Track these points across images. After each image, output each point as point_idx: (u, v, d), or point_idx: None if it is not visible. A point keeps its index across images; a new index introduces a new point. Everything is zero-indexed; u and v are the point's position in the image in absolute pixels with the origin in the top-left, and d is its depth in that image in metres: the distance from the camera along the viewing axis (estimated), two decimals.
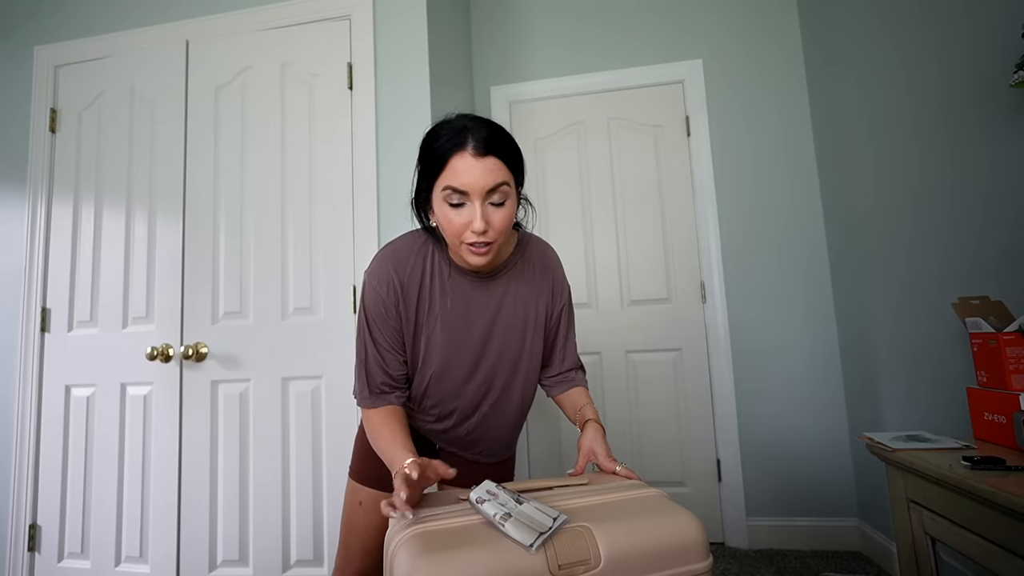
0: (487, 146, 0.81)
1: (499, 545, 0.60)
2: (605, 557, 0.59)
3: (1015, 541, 0.82)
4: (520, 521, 0.63)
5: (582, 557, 0.59)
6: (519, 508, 0.66)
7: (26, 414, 1.88)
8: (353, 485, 1.06)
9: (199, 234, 1.85)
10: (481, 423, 1.02)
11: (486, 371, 0.99)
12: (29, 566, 1.84)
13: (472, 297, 0.96)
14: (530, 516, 0.64)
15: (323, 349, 1.72)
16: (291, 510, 1.69)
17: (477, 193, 0.81)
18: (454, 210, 0.83)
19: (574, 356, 1.09)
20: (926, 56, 1.51)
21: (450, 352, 0.96)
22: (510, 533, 0.62)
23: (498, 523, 0.63)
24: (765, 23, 2.28)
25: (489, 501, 0.67)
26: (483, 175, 0.81)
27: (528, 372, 1.03)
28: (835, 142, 2.03)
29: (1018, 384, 1.05)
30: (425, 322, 0.95)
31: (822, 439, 2.08)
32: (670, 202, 2.30)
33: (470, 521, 0.66)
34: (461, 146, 0.81)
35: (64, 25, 2.06)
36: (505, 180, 0.83)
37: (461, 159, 0.81)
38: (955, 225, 1.43)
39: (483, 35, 2.53)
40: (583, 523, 0.63)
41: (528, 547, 0.60)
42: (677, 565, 0.60)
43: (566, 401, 1.07)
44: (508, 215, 0.85)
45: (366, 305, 0.93)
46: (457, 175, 0.81)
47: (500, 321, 0.98)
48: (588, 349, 2.29)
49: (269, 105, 1.85)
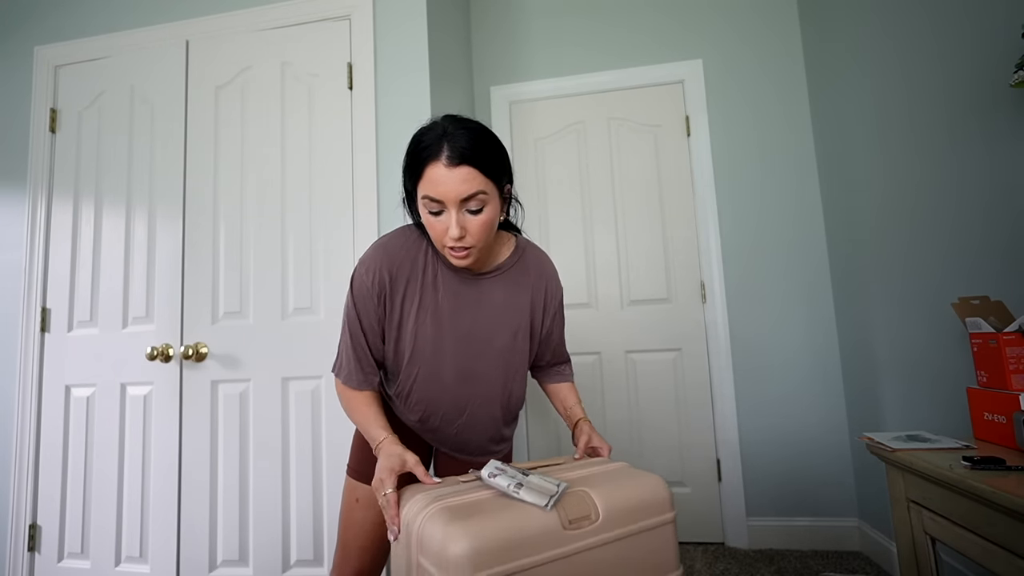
0: (462, 155, 0.82)
1: (517, 509, 0.70)
2: (603, 512, 0.73)
3: (1015, 541, 0.82)
4: (531, 488, 0.74)
5: (585, 513, 0.72)
6: (527, 479, 0.77)
7: (26, 414, 1.88)
8: (351, 483, 1.06)
9: (199, 234, 1.85)
10: (469, 421, 1.02)
11: (473, 368, 0.99)
12: (29, 566, 1.84)
13: (463, 294, 0.98)
14: (538, 484, 0.75)
15: (323, 349, 1.72)
16: (291, 510, 1.69)
17: (452, 202, 0.83)
18: (433, 217, 0.86)
19: (563, 351, 1.17)
20: (926, 57, 1.51)
21: (438, 346, 0.97)
22: (525, 498, 0.72)
23: (512, 491, 0.74)
24: (766, 23, 2.28)
25: (500, 475, 0.78)
26: (456, 185, 0.82)
27: (517, 372, 1.04)
28: (835, 141, 2.03)
29: (1018, 384, 1.05)
30: (415, 315, 0.96)
31: (822, 439, 2.08)
32: (670, 202, 2.30)
33: (483, 495, 0.75)
34: (436, 156, 0.83)
35: (64, 25, 2.06)
36: (481, 188, 0.84)
37: (435, 169, 0.83)
38: (955, 224, 1.43)
39: (483, 35, 2.54)
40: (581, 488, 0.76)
41: (543, 507, 0.71)
42: (652, 516, 0.76)
43: (556, 395, 1.15)
44: (486, 220, 0.86)
45: (354, 292, 0.97)
46: (432, 185, 0.83)
47: (490, 320, 0.99)
48: (588, 349, 2.30)
49: (269, 105, 1.85)
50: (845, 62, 1.92)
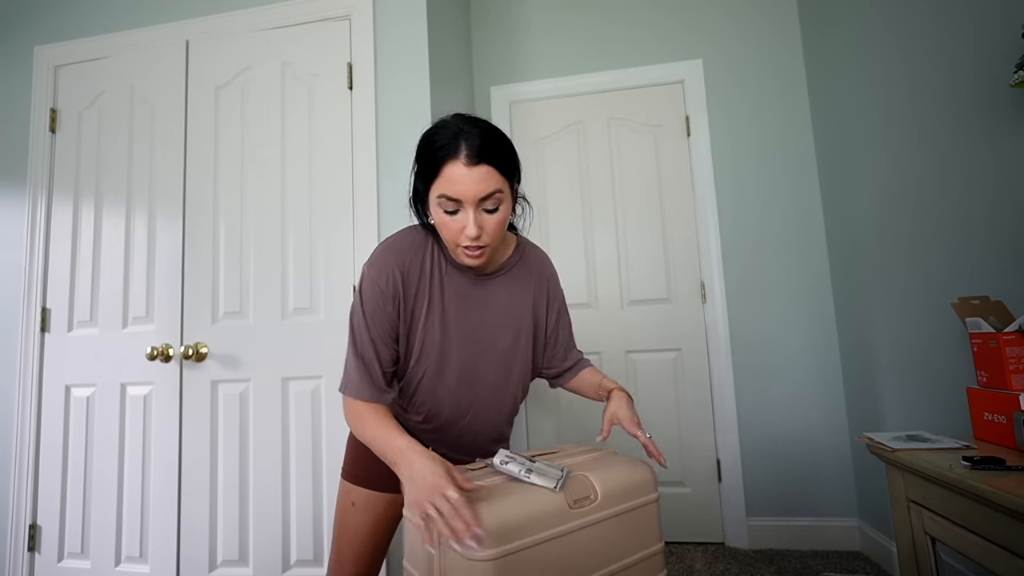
0: (480, 154, 0.81)
1: (529, 491, 0.79)
2: (601, 493, 0.82)
3: (1015, 541, 0.82)
4: (540, 473, 0.82)
5: (587, 494, 0.82)
6: (535, 465, 0.85)
7: (26, 414, 1.88)
8: (346, 486, 1.05)
9: (199, 234, 1.85)
10: (472, 423, 1.02)
11: (478, 369, 0.99)
12: (29, 566, 1.84)
13: (469, 295, 0.97)
14: (545, 469, 0.83)
15: (323, 349, 1.72)
16: (291, 510, 1.69)
17: (470, 201, 0.82)
18: (449, 216, 0.85)
19: (575, 350, 1.14)
20: (927, 57, 1.51)
21: (444, 348, 0.96)
22: (536, 482, 0.81)
23: (524, 476, 0.82)
24: (766, 23, 2.28)
25: (511, 462, 0.85)
26: (475, 184, 0.81)
27: (521, 373, 1.04)
28: (835, 141, 2.03)
29: (1018, 384, 1.05)
30: (424, 317, 0.95)
31: (822, 439, 2.08)
32: (670, 202, 2.30)
33: (495, 480, 0.83)
34: (454, 154, 0.81)
35: (64, 25, 2.06)
36: (498, 187, 0.84)
37: (454, 167, 0.81)
38: (955, 224, 1.43)
39: (483, 35, 2.54)
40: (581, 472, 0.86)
41: (553, 489, 0.79)
42: (639, 496, 0.86)
43: (582, 384, 1.11)
44: (501, 219, 0.86)
45: (364, 298, 0.93)
46: (451, 184, 0.82)
47: (496, 320, 0.99)
48: (588, 349, 2.29)
49: (269, 105, 1.85)
50: (845, 58, 1.92)
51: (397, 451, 0.82)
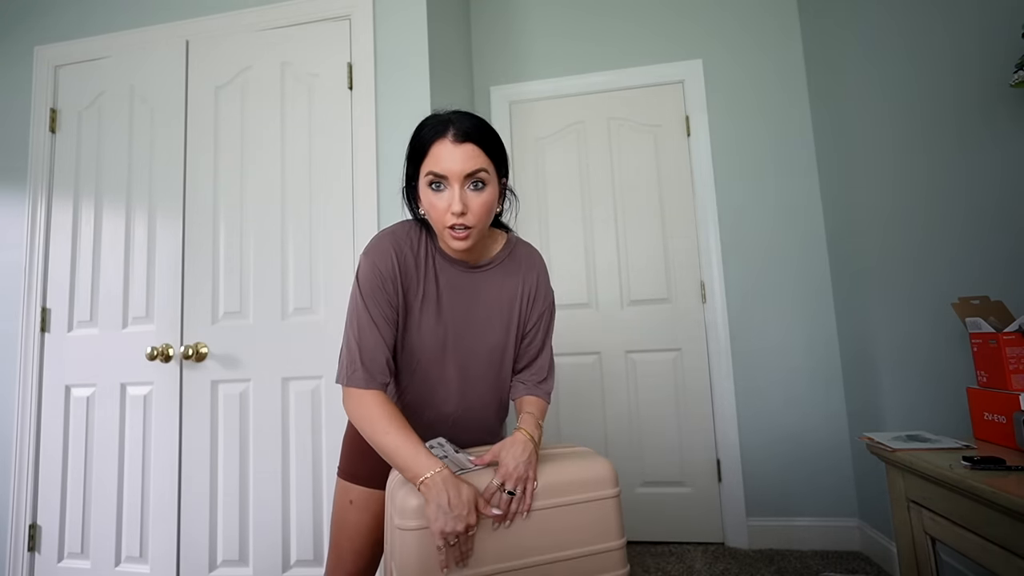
0: (467, 134, 0.87)
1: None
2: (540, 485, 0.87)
3: (1015, 541, 0.82)
4: (451, 463, 0.89)
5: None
6: (455, 456, 0.92)
7: (26, 414, 1.88)
8: (343, 484, 1.05)
9: (199, 234, 1.85)
10: (464, 416, 1.02)
11: (469, 362, 0.99)
12: (29, 566, 1.84)
13: (460, 288, 0.98)
14: (458, 460, 0.91)
15: (323, 349, 1.72)
16: (291, 510, 1.69)
17: (456, 177, 0.86)
18: (435, 194, 0.88)
19: (544, 368, 1.05)
20: (927, 57, 1.51)
21: (437, 339, 0.97)
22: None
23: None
24: (766, 23, 2.28)
25: (435, 449, 0.93)
26: (462, 160, 0.86)
27: (511, 366, 1.04)
28: (835, 141, 2.03)
29: (1018, 384, 1.05)
30: (420, 306, 0.96)
31: (822, 439, 2.08)
32: (670, 202, 2.30)
33: None
34: (442, 134, 0.87)
35: (64, 25, 2.06)
36: (483, 167, 0.88)
37: (441, 145, 0.87)
38: (955, 224, 1.43)
39: (483, 35, 2.53)
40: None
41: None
42: (590, 491, 0.88)
43: (519, 407, 1.02)
44: (487, 200, 0.89)
45: (362, 282, 0.93)
46: (438, 161, 0.87)
47: (486, 312, 1.00)
48: (588, 349, 2.29)
49: (269, 105, 1.85)
50: (845, 62, 1.92)
51: (423, 467, 0.80)
